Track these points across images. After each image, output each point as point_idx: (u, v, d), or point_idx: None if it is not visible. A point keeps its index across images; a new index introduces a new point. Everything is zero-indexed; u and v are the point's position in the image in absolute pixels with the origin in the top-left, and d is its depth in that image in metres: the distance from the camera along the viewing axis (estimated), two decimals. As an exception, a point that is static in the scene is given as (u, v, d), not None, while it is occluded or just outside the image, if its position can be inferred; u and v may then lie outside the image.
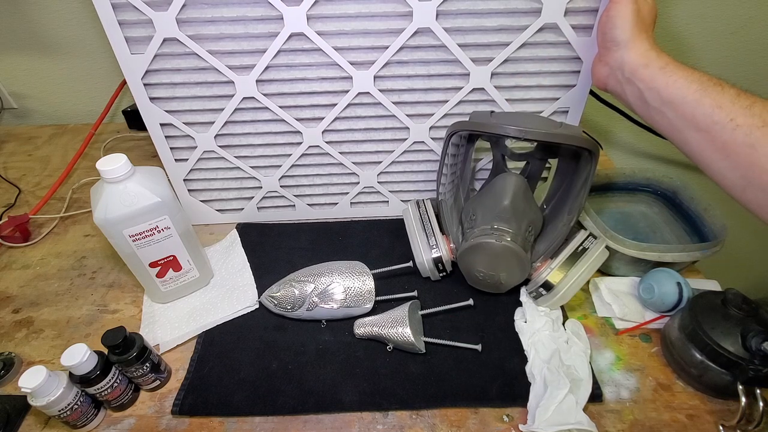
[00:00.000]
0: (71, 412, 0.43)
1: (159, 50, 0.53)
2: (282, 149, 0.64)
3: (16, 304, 0.59)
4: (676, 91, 0.43)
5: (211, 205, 0.70)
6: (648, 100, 0.46)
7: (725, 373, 0.45)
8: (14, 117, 0.96)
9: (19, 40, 0.84)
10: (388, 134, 0.63)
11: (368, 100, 0.59)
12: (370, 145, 0.64)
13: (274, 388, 0.49)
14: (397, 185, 0.70)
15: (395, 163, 0.66)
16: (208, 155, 0.64)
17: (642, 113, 0.49)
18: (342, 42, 0.54)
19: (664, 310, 0.54)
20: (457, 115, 0.61)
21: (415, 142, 0.64)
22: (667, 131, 0.47)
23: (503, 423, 0.47)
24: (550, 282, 0.52)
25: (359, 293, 0.54)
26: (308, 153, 0.64)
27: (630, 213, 0.69)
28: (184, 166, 0.64)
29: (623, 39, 0.47)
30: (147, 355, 0.46)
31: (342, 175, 0.67)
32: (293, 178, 0.67)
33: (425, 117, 0.61)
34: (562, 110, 0.62)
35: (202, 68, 0.56)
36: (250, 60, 0.55)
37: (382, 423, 0.47)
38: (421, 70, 0.57)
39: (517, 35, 0.54)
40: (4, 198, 0.76)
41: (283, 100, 0.59)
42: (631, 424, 0.46)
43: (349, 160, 0.65)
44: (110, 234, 0.48)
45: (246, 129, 0.62)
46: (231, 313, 0.56)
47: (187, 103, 0.59)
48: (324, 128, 0.61)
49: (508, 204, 0.52)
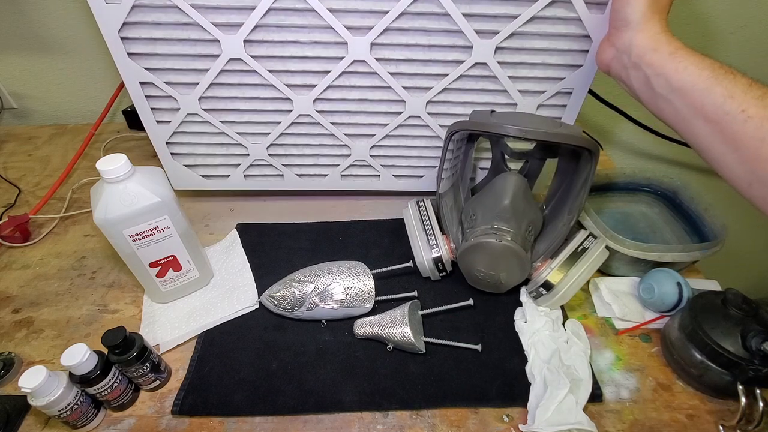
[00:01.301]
0: (71, 412, 0.43)
1: (137, 1, 0.50)
2: (271, 116, 0.61)
3: (16, 304, 0.59)
4: (686, 78, 0.41)
5: (196, 170, 0.67)
6: (655, 86, 0.44)
7: (725, 373, 0.45)
8: (14, 117, 0.96)
9: (19, 40, 0.84)
10: (383, 107, 0.60)
11: (363, 69, 0.56)
12: (364, 117, 0.61)
13: (274, 388, 0.49)
14: (390, 160, 0.67)
15: (389, 137, 0.64)
16: (192, 118, 0.60)
17: (647, 101, 0.47)
18: (338, 3, 0.51)
19: (664, 310, 0.54)
20: (456, 91, 0.59)
21: (410, 116, 0.61)
22: (673, 121, 0.45)
23: (503, 423, 0.47)
24: (550, 282, 0.52)
25: (359, 293, 0.54)
26: (298, 122, 0.61)
27: (630, 213, 0.69)
28: (167, 128, 0.61)
29: (634, 19, 0.45)
30: (147, 355, 0.46)
31: (333, 147, 0.65)
32: (282, 146, 0.65)
33: (423, 90, 0.59)
34: (566, 91, 0.59)
35: (185, 23, 0.52)
36: (238, 18, 0.51)
37: (382, 423, 0.47)
38: (422, 40, 0.54)
39: (526, 7, 0.51)
40: (4, 198, 0.76)
41: (272, 63, 0.55)
42: (631, 424, 0.46)
43: (341, 132, 0.62)
44: (110, 234, 0.48)
45: (232, 93, 0.58)
46: (231, 313, 0.56)
47: (169, 61, 0.55)
48: (316, 96, 0.58)
49: (509, 204, 0.52)
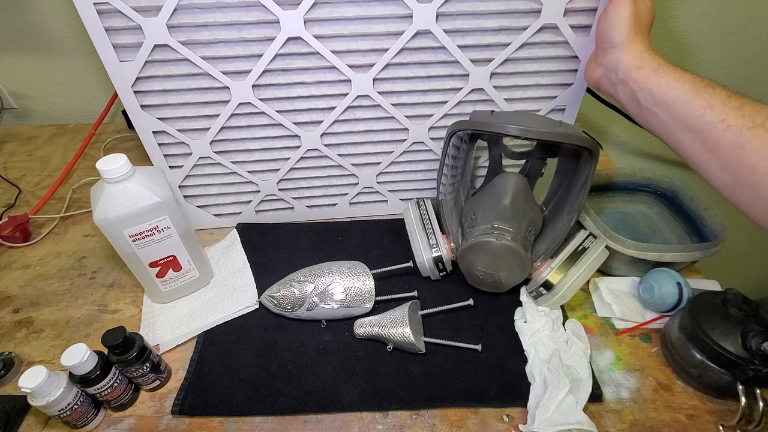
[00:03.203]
0: (71, 412, 0.43)
1: (149, 57, 0.52)
2: (280, 153, 0.63)
3: (16, 304, 0.59)
4: (669, 91, 0.44)
5: (208, 210, 0.69)
6: (641, 100, 0.47)
7: (725, 373, 0.45)
8: (14, 117, 0.96)
9: (19, 40, 0.84)
10: (387, 135, 0.63)
11: (367, 103, 0.59)
12: (369, 146, 0.64)
13: (274, 388, 0.49)
14: (396, 185, 0.70)
15: (394, 164, 0.67)
16: (204, 161, 0.62)
17: (635, 114, 0.49)
18: (340, 45, 0.53)
19: (664, 310, 0.54)
20: (457, 115, 0.61)
21: (414, 142, 0.64)
22: (659, 132, 0.47)
23: (503, 423, 0.47)
24: (550, 281, 0.52)
25: (359, 293, 0.54)
26: (307, 156, 0.64)
27: (630, 213, 0.69)
28: (179, 172, 0.63)
29: (620, 41, 0.48)
30: (147, 355, 0.46)
31: (341, 177, 0.67)
32: (292, 181, 0.67)
33: (424, 118, 0.61)
34: (559, 108, 0.62)
35: (196, 74, 0.54)
36: (246, 65, 0.54)
37: (382, 423, 0.47)
38: (421, 72, 0.57)
39: (516, 36, 0.54)
40: (4, 198, 0.76)
41: (280, 104, 0.58)
42: (631, 424, 0.46)
43: (347, 162, 0.65)
44: (110, 234, 0.48)
45: (242, 134, 0.60)
46: (231, 313, 0.56)
47: (181, 109, 0.57)
48: (322, 131, 0.61)
49: (509, 203, 0.52)
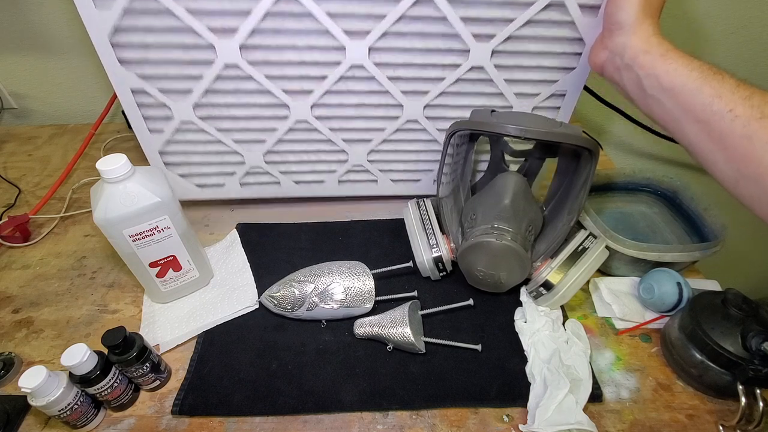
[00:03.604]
0: (71, 412, 0.43)
1: (128, 4, 0.48)
2: (267, 123, 0.60)
3: (16, 304, 0.59)
4: (676, 78, 0.42)
5: (190, 180, 0.65)
6: (646, 87, 0.45)
7: (725, 373, 0.45)
8: (14, 117, 0.96)
9: (19, 40, 0.84)
10: (381, 111, 0.60)
11: (361, 74, 0.56)
12: (362, 122, 0.61)
13: (274, 388, 0.49)
14: (387, 164, 0.67)
15: (386, 142, 0.64)
16: (186, 127, 0.59)
17: (639, 102, 0.47)
18: (336, 7, 0.50)
19: (664, 310, 0.54)
20: (453, 94, 0.59)
21: (408, 120, 0.61)
22: (664, 121, 0.46)
23: (503, 423, 0.47)
24: (550, 281, 0.52)
25: (359, 293, 0.54)
26: (296, 128, 0.60)
27: (630, 213, 0.69)
28: (160, 137, 0.59)
29: (627, 22, 0.46)
30: (147, 355, 0.46)
31: (330, 152, 0.64)
32: (279, 153, 0.64)
33: (421, 95, 0.58)
34: (559, 93, 0.60)
35: (179, 29, 0.50)
36: (234, 22, 0.50)
37: (382, 423, 0.47)
38: (419, 44, 0.54)
39: (522, 11, 0.51)
40: (4, 198, 0.76)
41: (269, 69, 0.54)
42: (631, 424, 0.46)
43: (338, 137, 0.62)
44: (110, 234, 0.48)
45: (228, 99, 0.57)
46: (231, 313, 0.56)
47: (162, 68, 0.53)
48: (313, 102, 0.57)
49: (509, 203, 0.52)
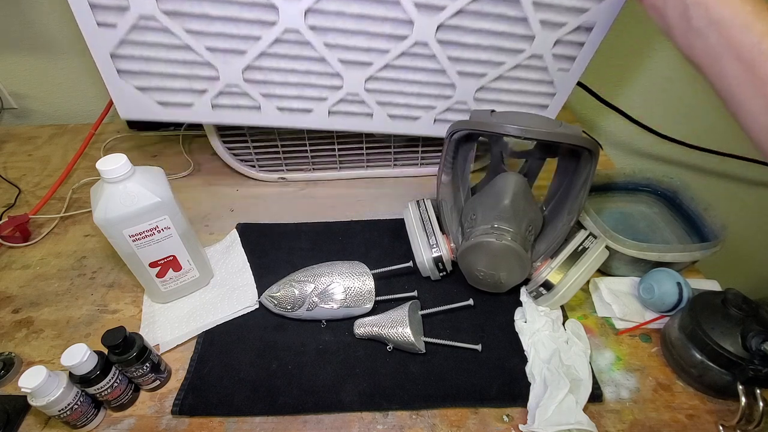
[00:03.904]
0: (71, 412, 0.43)
1: None
2: (249, 29, 0.50)
3: (16, 304, 0.59)
4: (727, 10, 0.38)
5: (150, 95, 0.54)
6: (692, 17, 0.41)
7: (725, 373, 0.45)
8: (14, 117, 0.96)
9: (19, 40, 0.84)
10: (387, 27, 0.52)
11: None
12: (363, 39, 0.52)
13: (274, 388, 0.49)
14: (387, 96, 0.58)
15: (389, 68, 0.55)
16: (147, 23, 0.48)
17: (678, 35, 0.43)
18: None
19: (664, 310, 0.54)
20: (472, 14, 0.51)
21: (417, 43, 0.53)
22: (703, 59, 0.42)
23: (503, 423, 0.47)
24: (550, 281, 0.52)
25: (359, 293, 0.54)
26: (284, 39, 0.51)
27: (630, 213, 0.69)
28: (112, 34, 0.48)
29: None
30: (147, 355, 0.46)
31: (323, 75, 0.55)
32: (261, 71, 0.54)
33: (435, 10, 0.50)
34: (587, 26, 0.54)
35: None
36: None
37: (382, 423, 0.47)
38: None
39: None
40: (4, 198, 0.76)
41: None
42: (631, 424, 0.46)
43: (334, 56, 0.53)
44: (110, 234, 0.48)
45: None
46: (231, 313, 0.56)
47: None
48: (308, 6, 0.48)
49: (509, 203, 0.52)
